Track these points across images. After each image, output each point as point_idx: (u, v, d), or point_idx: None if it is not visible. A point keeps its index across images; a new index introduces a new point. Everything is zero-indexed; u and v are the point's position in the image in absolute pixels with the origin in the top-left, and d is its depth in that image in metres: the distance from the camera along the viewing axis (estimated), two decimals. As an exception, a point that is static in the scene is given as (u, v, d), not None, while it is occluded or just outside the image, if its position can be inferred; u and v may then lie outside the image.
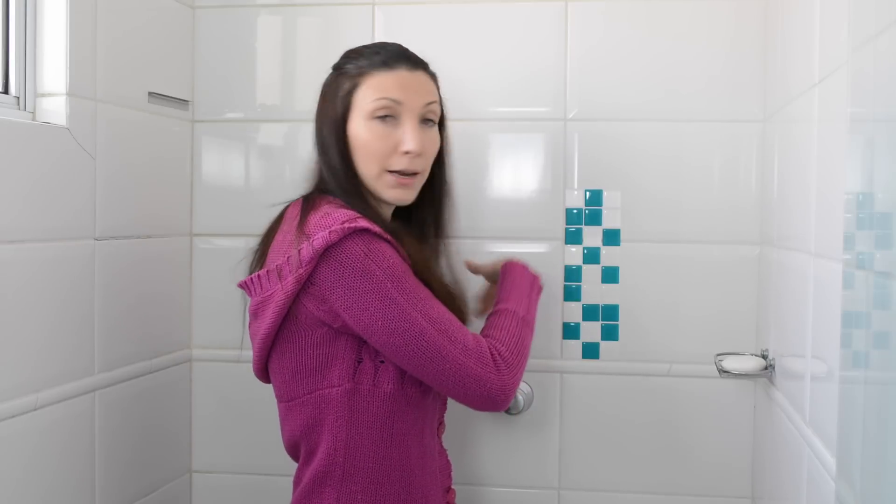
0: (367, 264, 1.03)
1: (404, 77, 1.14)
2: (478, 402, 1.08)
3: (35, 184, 1.23)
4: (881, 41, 0.77)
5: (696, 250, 1.58)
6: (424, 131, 1.15)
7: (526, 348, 1.15)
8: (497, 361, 1.08)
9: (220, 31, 1.70)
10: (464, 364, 1.05)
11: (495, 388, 1.06)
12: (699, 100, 1.57)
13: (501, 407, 1.09)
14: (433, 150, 1.18)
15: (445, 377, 1.05)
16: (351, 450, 1.09)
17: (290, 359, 1.10)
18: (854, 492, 0.83)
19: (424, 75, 1.17)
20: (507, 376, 1.08)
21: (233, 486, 1.71)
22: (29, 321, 1.22)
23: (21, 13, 1.29)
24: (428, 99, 1.15)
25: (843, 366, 0.88)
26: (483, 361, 1.06)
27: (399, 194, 1.15)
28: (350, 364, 1.08)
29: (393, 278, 1.04)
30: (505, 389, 1.07)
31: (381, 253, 1.04)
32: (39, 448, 1.25)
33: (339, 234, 1.02)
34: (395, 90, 1.12)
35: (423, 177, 1.18)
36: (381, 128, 1.12)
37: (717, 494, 1.59)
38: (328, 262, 1.03)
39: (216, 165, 1.71)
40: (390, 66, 1.14)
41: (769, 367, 1.40)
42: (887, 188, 0.74)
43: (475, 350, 1.07)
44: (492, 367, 1.07)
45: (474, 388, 1.06)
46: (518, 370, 1.11)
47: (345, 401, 1.08)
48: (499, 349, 1.10)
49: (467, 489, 1.62)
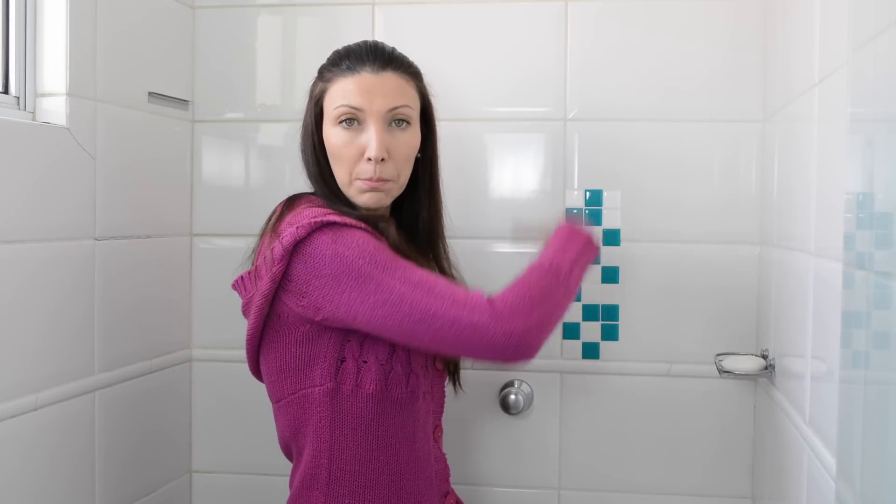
0: (335, 249, 1.01)
1: (367, 81, 1.10)
2: (488, 354, 0.99)
3: (35, 184, 1.23)
4: (881, 41, 0.77)
5: (696, 250, 1.58)
6: (393, 134, 1.11)
7: (543, 294, 1.03)
8: (495, 306, 0.99)
9: (220, 31, 1.70)
10: (456, 316, 0.98)
11: (498, 333, 0.97)
12: (699, 99, 1.57)
13: (519, 356, 0.99)
14: (406, 151, 1.13)
15: (441, 336, 0.99)
16: (335, 452, 1.08)
17: (276, 358, 1.10)
18: (854, 492, 0.83)
19: (394, 75, 1.12)
20: (510, 321, 0.98)
21: (233, 486, 1.71)
22: (29, 321, 1.22)
23: (21, 13, 1.29)
24: (394, 103, 1.11)
25: (843, 366, 0.88)
26: (477, 309, 0.98)
27: (369, 199, 1.12)
28: (332, 363, 1.07)
29: (363, 255, 1.01)
30: (511, 335, 0.97)
31: (350, 236, 1.02)
32: (39, 448, 1.24)
33: (307, 228, 1.02)
34: (356, 96, 1.10)
35: (396, 182, 1.13)
36: (345, 134, 1.11)
37: (717, 494, 1.59)
38: (300, 257, 1.03)
39: (216, 165, 1.71)
40: (354, 69, 1.11)
41: (769, 367, 1.39)
42: (887, 188, 0.74)
43: (464, 299, 0.99)
44: (487, 312, 0.98)
45: (475, 339, 0.98)
46: (528, 315, 1.00)
47: (326, 401, 1.08)
48: (501, 295, 1.01)
49: (467, 489, 1.61)
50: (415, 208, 1.22)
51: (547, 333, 1.03)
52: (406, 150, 1.13)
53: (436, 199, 1.23)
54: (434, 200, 1.23)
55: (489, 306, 0.99)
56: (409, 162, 1.15)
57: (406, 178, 1.16)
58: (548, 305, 1.03)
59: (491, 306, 0.99)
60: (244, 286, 1.12)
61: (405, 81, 1.14)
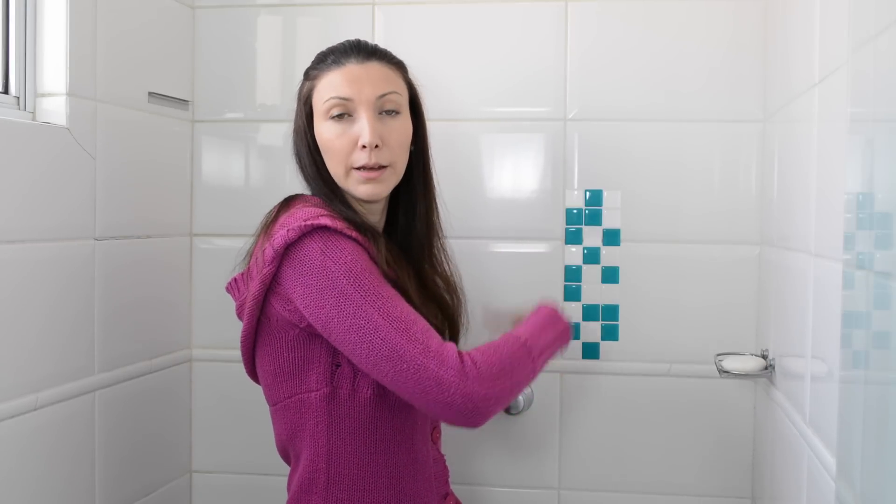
0: (323, 261, 1.00)
1: (353, 71, 1.10)
2: (441, 411, 0.97)
3: (35, 184, 1.23)
4: (881, 41, 0.77)
5: (696, 250, 1.58)
6: (384, 122, 1.11)
7: (512, 367, 1.02)
8: (465, 366, 0.97)
9: (220, 31, 1.70)
10: (423, 364, 0.96)
11: (458, 394, 0.95)
12: (699, 100, 1.57)
13: (470, 421, 0.98)
14: (400, 139, 1.13)
15: (404, 378, 0.97)
16: (333, 456, 1.08)
17: (270, 362, 1.10)
18: (854, 492, 0.83)
19: (379, 65, 1.13)
20: (474, 385, 0.96)
21: (233, 486, 1.71)
22: (29, 321, 1.22)
23: (21, 13, 1.29)
24: (383, 90, 1.11)
25: (843, 366, 0.88)
26: (446, 364, 0.97)
27: (369, 190, 1.11)
28: (326, 368, 1.07)
29: (349, 274, 0.99)
30: (471, 398, 0.96)
31: (339, 249, 1.01)
32: (39, 448, 1.24)
33: (298, 231, 1.01)
34: (344, 87, 1.10)
35: (394, 169, 1.13)
36: (337, 127, 1.10)
37: (717, 494, 1.59)
38: (289, 261, 1.02)
39: (216, 165, 1.71)
40: (339, 62, 1.12)
41: (769, 367, 1.39)
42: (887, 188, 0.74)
43: (437, 351, 0.98)
44: (456, 371, 0.96)
45: (434, 391, 0.96)
46: (492, 383, 0.98)
47: (323, 405, 1.07)
48: (472, 356, 1.00)
49: (467, 489, 1.62)
50: (411, 200, 1.21)
51: (502, 406, 1.02)
52: (399, 136, 1.13)
53: (430, 191, 1.23)
54: (428, 192, 1.22)
55: (458, 363, 0.97)
56: (404, 150, 1.15)
57: (402, 166, 1.15)
58: (513, 379, 1.02)
59: (460, 364, 0.97)
60: (237, 288, 1.12)
61: (391, 70, 1.14)
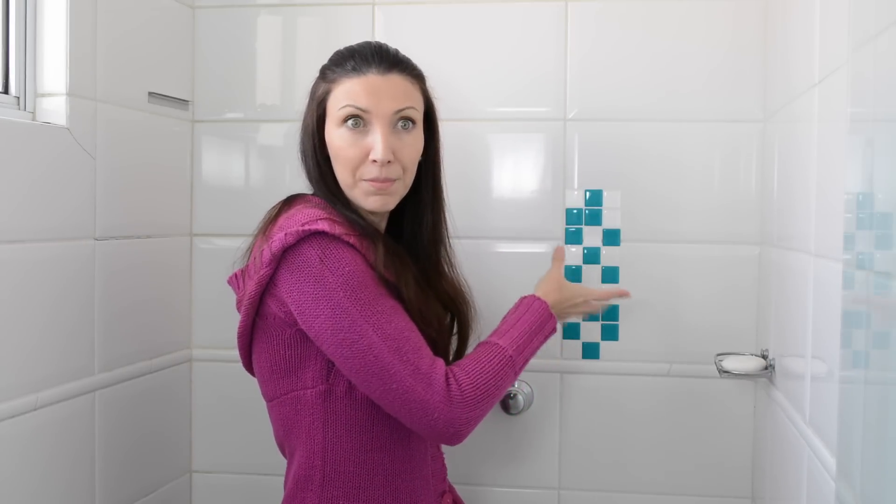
0: (321, 270, 1.00)
1: (374, 82, 1.09)
2: (425, 431, 1.02)
3: (35, 183, 1.23)
4: (881, 41, 0.77)
5: (696, 250, 1.58)
6: (399, 137, 1.10)
7: (496, 390, 1.06)
8: (451, 392, 1.01)
9: (220, 31, 1.70)
10: (410, 387, 0.99)
11: (442, 419, 1.00)
12: (699, 100, 1.57)
13: (451, 441, 1.03)
14: (412, 154, 1.12)
15: (391, 398, 1.01)
16: (329, 453, 1.08)
17: (266, 358, 1.10)
18: (854, 492, 0.83)
19: (400, 77, 1.11)
20: (459, 410, 1.01)
21: (233, 486, 1.71)
22: (29, 321, 1.22)
23: (21, 13, 1.29)
24: (401, 105, 1.10)
25: (843, 366, 0.88)
26: (433, 388, 1.00)
27: (377, 202, 1.11)
28: (322, 366, 1.07)
29: (347, 286, 1.00)
30: (454, 424, 1.00)
31: (338, 258, 1.01)
32: (39, 448, 1.24)
33: (295, 236, 1.01)
34: (363, 97, 1.08)
35: (403, 182, 1.13)
36: (350, 135, 1.09)
37: (717, 494, 1.59)
38: (286, 265, 1.02)
39: (216, 165, 1.71)
40: (360, 71, 1.09)
41: (769, 367, 1.40)
42: (887, 188, 0.74)
43: (426, 374, 1.01)
44: (442, 396, 1.00)
45: (419, 414, 1.00)
46: (476, 408, 1.02)
47: (319, 403, 1.07)
48: (459, 380, 1.03)
49: (467, 489, 1.61)
50: (418, 211, 1.21)
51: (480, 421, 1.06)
52: (411, 152, 1.13)
53: (439, 202, 1.22)
54: (437, 203, 1.22)
55: (444, 388, 1.01)
56: (414, 164, 1.15)
57: (411, 179, 1.15)
58: (496, 397, 1.07)
59: (446, 389, 1.01)
60: (236, 284, 1.13)
61: (411, 84, 1.13)
